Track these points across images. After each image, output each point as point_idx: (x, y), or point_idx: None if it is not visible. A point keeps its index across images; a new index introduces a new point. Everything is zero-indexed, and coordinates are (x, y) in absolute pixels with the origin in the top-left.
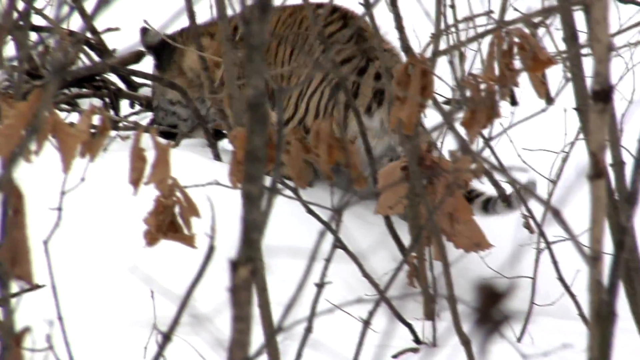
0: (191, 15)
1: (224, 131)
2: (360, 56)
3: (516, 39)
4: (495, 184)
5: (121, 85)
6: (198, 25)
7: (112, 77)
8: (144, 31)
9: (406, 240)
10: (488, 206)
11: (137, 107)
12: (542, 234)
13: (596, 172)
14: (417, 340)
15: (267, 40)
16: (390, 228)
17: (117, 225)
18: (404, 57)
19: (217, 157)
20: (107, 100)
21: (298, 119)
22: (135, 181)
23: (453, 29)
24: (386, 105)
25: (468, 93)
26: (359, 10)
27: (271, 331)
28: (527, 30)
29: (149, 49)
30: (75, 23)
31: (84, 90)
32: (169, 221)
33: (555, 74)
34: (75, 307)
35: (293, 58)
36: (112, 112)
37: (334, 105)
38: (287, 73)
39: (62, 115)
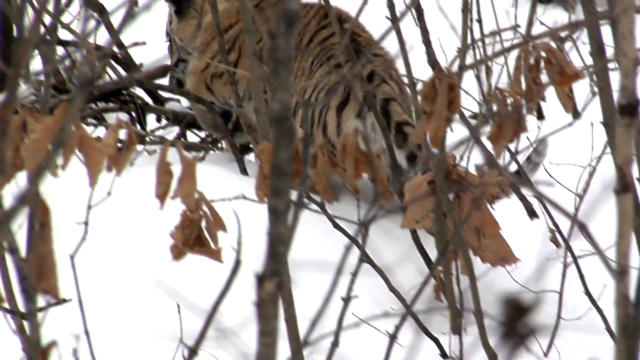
0: None
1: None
2: (352, 61)
3: (543, 53)
4: (522, 198)
5: (148, 99)
6: None
7: (139, 92)
8: None
9: (433, 254)
10: None
11: (164, 122)
12: (568, 248)
13: (623, 186)
14: (443, 354)
15: (293, 54)
16: (417, 242)
17: (143, 240)
18: (397, 64)
19: (244, 171)
20: (133, 114)
21: None
22: (162, 195)
23: (480, 43)
24: (377, 108)
25: (495, 107)
26: (385, 23)
27: (297, 345)
28: (553, 44)
29: None
30: (101, 37)
31: (111, 104)
32: (195, 235)
33: (582, 88)
34: (102, 322)
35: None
36: (138, 127)
37: (327, 112)
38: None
39: (89, 129)
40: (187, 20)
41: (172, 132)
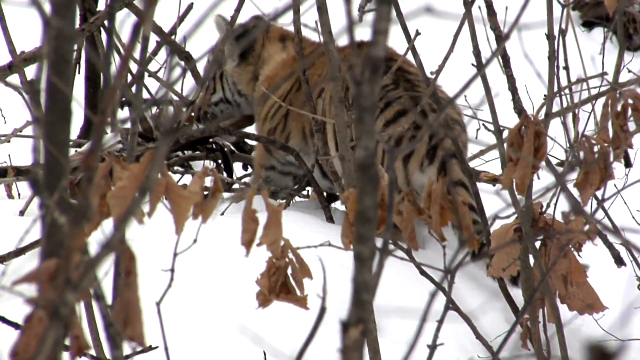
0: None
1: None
2: (414, 109)
3: (630, 100)
4: (609, 245)
5: (234, 147)
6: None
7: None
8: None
9: (519, 301)
10: None
11: (250, 169)
12: None
13: None
14: None
15: (377, 101)
16: (503, 289)
17: (228, 287)
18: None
19: (330, 219)
20: (220, 162)
21: None
22: (248, 242)
23: (566, 91)
24: (437, 163)
25: (581, 154)
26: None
27: None
28: None
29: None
30: (188, 85)
31: (197, 152)
32: (281, 282)
33: None
34: None
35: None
36: (225, 174)
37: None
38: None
39: (176, 177)
40: (246, 66)
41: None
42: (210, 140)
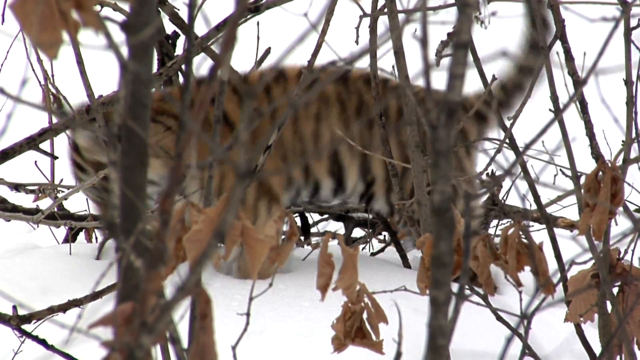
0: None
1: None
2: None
3: None
4: None
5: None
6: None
7: None
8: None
9: (596, 347)
10: None
11: (326, 215)
12: None
13: None
14: None
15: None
16: (580, 335)
17: (303, 331)
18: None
19: (408, 266)
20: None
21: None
22: (323, 287)
23: None
24: None
25: None
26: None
27: None
28: None
29: None
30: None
31: None
32: (356, 327)
33: None
34: None
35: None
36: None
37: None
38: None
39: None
40: None
41: (334, 225)
42: None
